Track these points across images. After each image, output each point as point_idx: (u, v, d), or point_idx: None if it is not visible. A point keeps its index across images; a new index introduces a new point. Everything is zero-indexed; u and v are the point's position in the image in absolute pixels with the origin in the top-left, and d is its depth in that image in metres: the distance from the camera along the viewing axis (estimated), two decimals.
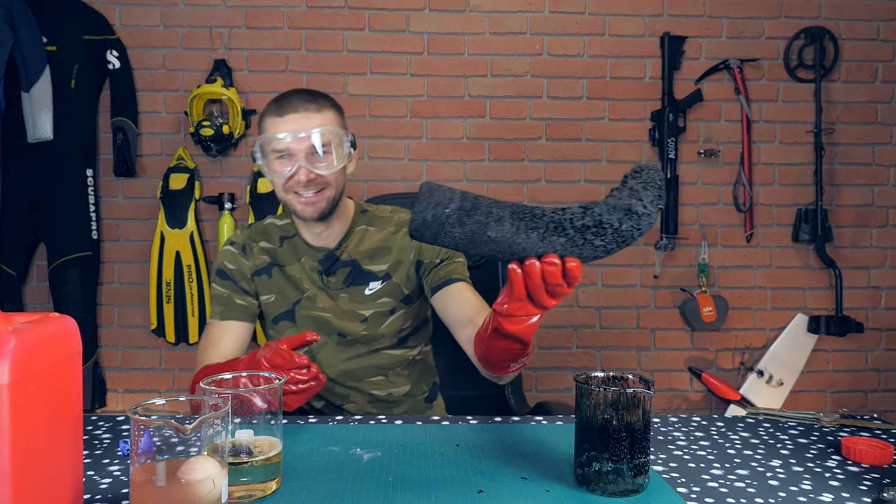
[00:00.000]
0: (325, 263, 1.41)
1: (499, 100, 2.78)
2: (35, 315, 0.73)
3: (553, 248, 0.85)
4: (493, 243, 0.85)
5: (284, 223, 1.46)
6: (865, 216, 2.86)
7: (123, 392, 2.77)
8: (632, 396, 0.83)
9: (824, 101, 2.79)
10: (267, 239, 1.45)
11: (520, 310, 0.89)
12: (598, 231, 0.85)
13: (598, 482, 0.84)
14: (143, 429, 0.70)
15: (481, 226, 0.85)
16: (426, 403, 1.51)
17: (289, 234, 1.44)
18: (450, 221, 0.85)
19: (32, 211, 2.55)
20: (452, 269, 1.39)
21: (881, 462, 0.97)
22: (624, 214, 0.85)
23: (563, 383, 2.81)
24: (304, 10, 2.73)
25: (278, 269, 1.42)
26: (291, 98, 1.32)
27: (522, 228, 0.85)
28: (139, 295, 2.75)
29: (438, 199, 0.86)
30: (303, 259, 1.42)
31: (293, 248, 1.43)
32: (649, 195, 0.87)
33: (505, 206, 0.87)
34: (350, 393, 1.42)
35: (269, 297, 1.42)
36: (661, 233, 2.78)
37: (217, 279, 1.43)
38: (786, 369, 2.79)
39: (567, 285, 0.86)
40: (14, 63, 2.45)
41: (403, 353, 1.44)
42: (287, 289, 1.41)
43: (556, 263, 0.85)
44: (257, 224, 1.48)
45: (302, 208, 1.33)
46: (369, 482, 0.88)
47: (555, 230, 0.85)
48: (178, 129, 2.74)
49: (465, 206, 0.86)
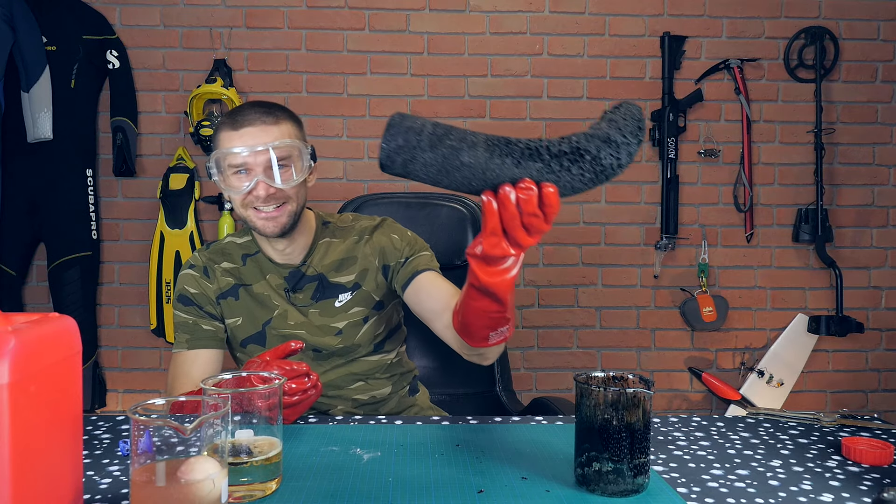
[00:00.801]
0: (291, 280, 1.38)
1: (499, 100, 2.78)
2: (35, 315, 0.73)
3: (529, 174, 0.82)
4: (467, 169, 0.82)
5: (245, 240, 1.42)
6: (865, 216, 2.86)
7: (123, 392, 2.77)
8: (632, 396, 0.83)
9: (824, 101, 2.79)
10: (228, 259, 1.40)
11: (494, 247, 0.85)
12: (574, 158, 0.82)
13: (598, 482, 0.84)
14: (143, 429, 0.70)
15: (454, 150, 0.81)
16: (410, 397, 1.50)
17: (251, 251, 1.40)
18: (421, 146, 0.81)
19: (32, 211, 2.55)
20: (418, 263, 1.37)
21: (881, 462, 0.97)
22: (602, 142, 0.83)
23: (563, 383, 2.81)
24: (304, 10, 2.73)
25: (244, 289, 1.38)
26: (247, 112, 1.27)
27: (497, 154, 0.82)
28: (139, 295, 2.75)
29: (410, 124, 0.83)
30: (268, 276, 1.38)
31: (257, 266, 1.39)
32: (629, 126, 0.84)
33: (479, 134, 0.84)
34: (333, 401, 1.40)
35: (235, 321, 1.37)
36: (662, 233, 2.78)
37: (179, 305, 1.36)
38: (786, 369, 2.79)
39: (544, 218, 0.83)
40: (14, 63, 2.45)
41: (381, 358, 1.43)
42: (255, 309, 1.37)
43: (532, 189, 0.81)
44: (216, 244, 1.43)
45: (262, 224, 1.29)
46: (369, 482, 0.88)
47: (530, 156, 0.82)
48: (177, 129, 2.74)
49: (438, 132, 0.82)
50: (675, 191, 2.77)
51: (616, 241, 2.82)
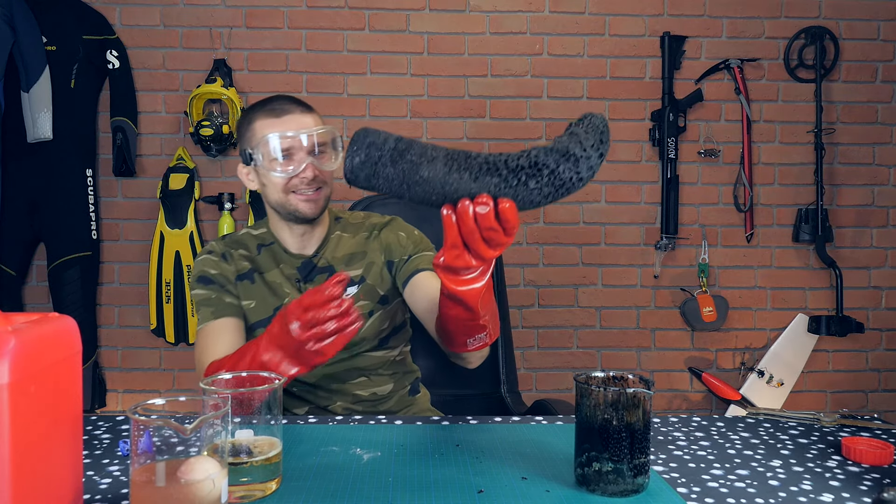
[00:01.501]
0: (303, 271, 1.41)
1: (499, 100, 2.78)
2: (35, 315, 0.73)
3: (486, 189, 0.83)
4: (426, 183, 0.83)
5: (261, 232, 1.46)
6: (865, 216, 2.86)
7: (123, 392, 2.77)
8: (632, 396, 0.83)
9: (824, 101, 2.79)
10: (244, 248, 1.44)
11: (457, 259, 0.87)
12: (532, 172, 0.82)
13: (598, 482, 0.84)
14: (143, 429, 0.70)
15: (413, 166, 0.83)
16: (410, 397, 1.51)
17: (266, 241, 1.44)
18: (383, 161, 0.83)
19: (32, 211, 2.55)
20: (419, 262, 1.39)
21: (881, 462, 0.97)
22: (561, 156, 0.83)
23: (563, 383, 2.81)
24: (304, 10, 2.73)
25: (259, 275, 1.42)
26: (282, 101, 1.35)
27: (455, 169, 0.83)
28: (139, 295, 2.75)
29: (373, 139, 0.85)
30: (281, 265, 1.42)
31: (272, 255, 1.43)
32: (590, 139, 0.84)
33: (440, 149, 0.85)
34: (333, 395, 1.41)
35: (249, 303, 1.40)
36: (661, 233, 2.78)
37: (199, 286, 1.39)
38: (786, 369, 2.79)
39: (504, 232, 0.84)
40: (14, 63, 2.45)
41: (384, 355, 1.44)
42: (268, 295, 1.40)
43: (488, 204, 0.82)
44: (231, 235, 1.48)
45: (304, 206, 1.34)
46: (369, 482, 0.88)
47: (488, 171, 0.83)
48: (177, 129, 2.74)
49: (400, 147, 0.84)
50: (675, 191, 2.77)
51: (616, 241, 2.82)
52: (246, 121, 1.37)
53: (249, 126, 1.36)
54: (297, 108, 1.34)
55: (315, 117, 1.36)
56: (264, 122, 1.33)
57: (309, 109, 1.36)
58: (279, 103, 1.35)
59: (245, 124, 1.37)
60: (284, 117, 1.32)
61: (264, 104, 1.36)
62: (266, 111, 1.34)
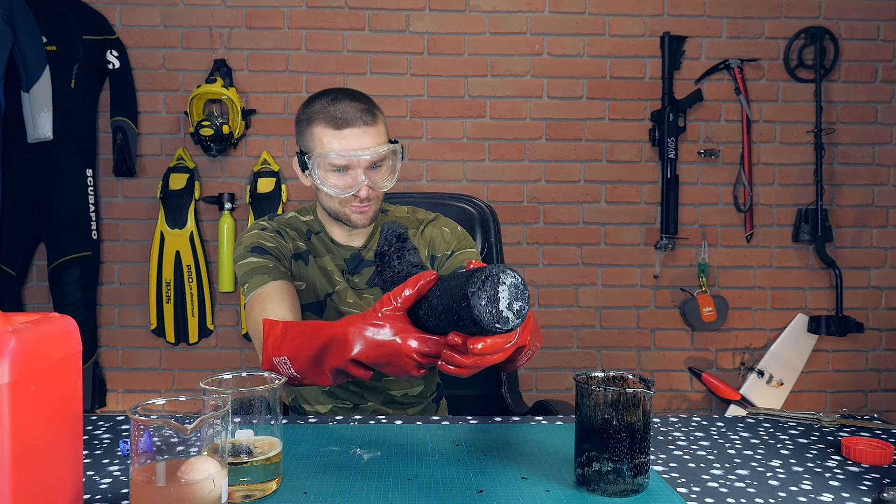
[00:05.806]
0: (351, 263, 1.42)
1: (499, 100, 2.78)
2: (35, 315, 0.73)
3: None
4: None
5: (308, 219, 1.45)
6: (865, 216, 2.86)
7: (123, 392, 2.76)
8: (632, 396, 0.83)
9: (824, 101, 2.79)
10: (296, 231, 1.43)
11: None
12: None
13: (598, 482, 0.84)
14: (143, 429, 0.70)
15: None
16: (434, 404, 1.53)
17: (315, 229, 1.44)
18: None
19: (32, 211, 2.55)
20: (462, 257, 1.39)
21: (881, 462, 0.97)
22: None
23: (563, 383, 2.81)
24: (304, 10, 2.73)
25: (313, 258, 1.41)
26: (345, 107, 1.28)
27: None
28: (139, 295, 2.75)
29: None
30: (330, 254, 1.42)
31: (322, 243, 1.42)
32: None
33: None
34: (366, 392, 1.41)
35: (300, 285, 1.39)
36: (661, 233, 2.78)
37: (253, 254, 1.32)
38: (786, 369, 2.79)
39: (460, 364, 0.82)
40: (14, 63, 2.45)
41: None
42: (319, 279, 1.40)
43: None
44: (279, 217, 1.44)
45: (357, 217, 1.33)
46: (369, 482, 0.88)
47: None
48: (177, 129, 2.74)
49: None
50: (675, 191, 2.77)
51: (616, 241, 2.82)
52: (305, 118, 1.32)
53: (308, 127, 1.31)
54: (360, 121, 1.27)
55: (378, 130, 1.30)
56: (323, 131, 1.28)
57: (372, 120, 1.29)
58: (342, 109, 1.28)
59: (304, 122, 1.32)
60: (345, 130, 1.27)
61: (326, 106, 1.29)
62: (328, 118, 1.28)
